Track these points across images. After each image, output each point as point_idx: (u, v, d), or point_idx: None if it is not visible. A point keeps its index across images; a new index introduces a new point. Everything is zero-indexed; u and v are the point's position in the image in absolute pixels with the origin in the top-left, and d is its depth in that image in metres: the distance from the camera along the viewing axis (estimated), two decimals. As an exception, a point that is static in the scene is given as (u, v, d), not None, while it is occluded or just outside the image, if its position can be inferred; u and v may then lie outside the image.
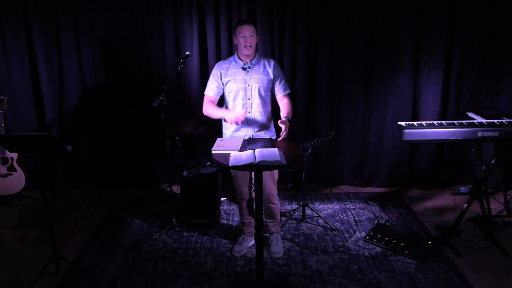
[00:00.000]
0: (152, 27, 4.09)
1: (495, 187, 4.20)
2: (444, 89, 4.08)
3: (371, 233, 3.38)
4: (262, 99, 2.96)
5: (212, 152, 2.56)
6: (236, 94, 2.95)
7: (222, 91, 3.02)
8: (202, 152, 4.27)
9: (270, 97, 3.04)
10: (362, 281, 2.85)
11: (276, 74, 2.99)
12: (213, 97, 3.02)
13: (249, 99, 2.94)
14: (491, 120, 3.15)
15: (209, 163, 3.70)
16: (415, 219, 3.70)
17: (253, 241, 3.20)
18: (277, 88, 3.01)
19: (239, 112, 2.81)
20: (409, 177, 4.36)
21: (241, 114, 2.78)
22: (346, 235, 3.45)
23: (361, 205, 4.02)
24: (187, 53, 3.28)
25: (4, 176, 4.02)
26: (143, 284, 2.86)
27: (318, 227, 3.59)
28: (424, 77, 4.09)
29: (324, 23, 4.00)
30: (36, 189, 4.26)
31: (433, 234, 3.43)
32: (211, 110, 2.98)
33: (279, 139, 2.78)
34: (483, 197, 3.53)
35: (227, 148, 2.57)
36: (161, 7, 4.02)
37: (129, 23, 4.07)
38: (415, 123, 3.12)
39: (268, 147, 2.60)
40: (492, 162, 3.36)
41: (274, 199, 3.13)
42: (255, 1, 3.96)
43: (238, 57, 2.95)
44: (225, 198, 4.14)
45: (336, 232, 3.50)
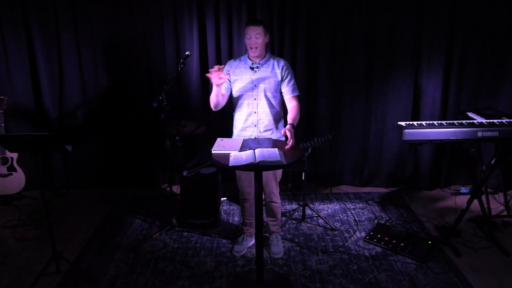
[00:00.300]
0: (152, 27, 4.08)
1: (495, 187, 4.20)
2: (444, 89, 4.08)
3: (371, 233, 3.38)
4: (268, 100, 2.93)
5: (212, 152, 2.56)
6: (243, 94, 2.94)
7: (231, 89, 3.02)
8: (202, 152, 4.27)
9: (279, 98, 2.99)
10: (362, 281, 2.85)
11: (285, 75, 2.92)
12: (224, 93, 3.00)
13: (255, 99, 2.93)
14: (491, 120, 3.15)
15: (209, 163, 3.70)
16: (415, 219, 3.70)
17: (253, 241, 3.20)
18: (285, 90, 2.95)
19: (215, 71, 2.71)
20: (409, 177, 4.36)
21: (215, 70, 2.69)
22: (346, 235, 3.45)
23: (361, 205, 4.02)
24: (187, 53, 3.28)
25: (4, 176, 4.02)
26: (143, 284, 2.86)
27: (318, 227, 3.59)
28: (424, 77, 4.09)
29: (324, 23, 4.00)
30: (36, 189, 4.26)
31: (433, 234, 3.43)
32: (211, 95, 2.93)
33: (286, 147, 2.61)
34: (483, 197, 3.53)
35: (227, 148, 2.57)
36: (161, 7, 4.02)
37: (129, 23, 4.07)
38: (415, 123, 3.12)
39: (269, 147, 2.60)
40: (492, 162, 3.36)
41: (275, 198, 3.13)
42: (255, 1, 3.96)
43: (248, 57, 2.95)
44: (225, 198, 4.14)
45: (336, 232, 3.50)
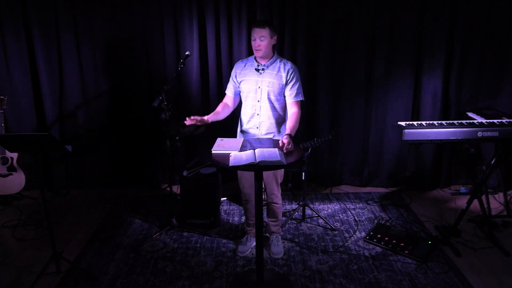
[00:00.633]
0: (152, 27, 4.08)
1: (495, 187, 4.20)
2: (444, 89, 4.08)
3: (371, 233, 3.38)
4: (271, 103, 2.91)
5: (212, 152, 2.56)
6: (247, 95, 2.95)
7: (239, 90, 3.03)
8: (202, 152, 4.27)
9: (283, 102, 2.95)
10: (362, 281, 2.85)
11: (290, 79, 2.86)
12: (230, 96, 3.05)
13: (258, 101, 2.92)
14: (491, 120, 3.15)
15: (209, 163, 3.70)
16: (415, 219, 3.70)
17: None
18: (288, 93, 2.89)
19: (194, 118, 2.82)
20: (409, 177, 4.36)
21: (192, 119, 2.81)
22: (346, 235, 3.45)
23: (361, 205, 4.02)
24: (187, 53, 3.28)
25: (4, 176, 4.02)
26: (143, 284, 2.86)
27: (318, 227, 3.59)
28: (424, 77, 4.09)
29: (324, 23, 4.00)
30: (36, 189, 4.26)
31: (433, 234, 3.43)
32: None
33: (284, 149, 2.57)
34: (483, 197, 3.53)
35: (227, 148, 2.57)
36: (161, 7, 4.01)
37: (129, 23, 4.07)
38: (415, 123, 3.12)
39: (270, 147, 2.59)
40: (492, 162, 3.36)
41: (276, 199, 3.13)
42: (255, 1, 3.96)
43: (255, 58, 2.94)
44: (225, 198, 4.14)
45: (336, 232, 3.50)
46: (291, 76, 2.88)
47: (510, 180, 4.07)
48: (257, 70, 2.91)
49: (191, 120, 2.81)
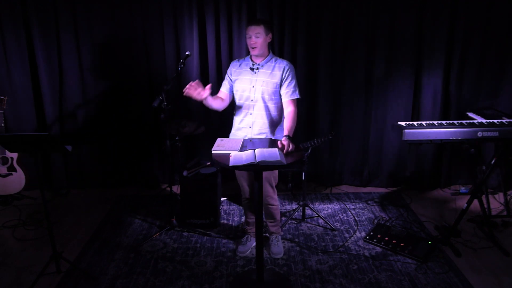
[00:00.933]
0: (152, 27, 4.08)
1: (495, 187, 4.20)
2: (444, 89, 4.08)
3: (371, 233, 3.38)
4: (265, 103, 2.89)
5: (212, 152, 2.56)
6: (242, 94, 2.93)
7: (232, 88, 3.02)
8: (202, 152, 4.27)
9: (278, 102, 2.91)
10: (362, 281, 2.85)
11: (285, 77, 2.84)
12: (224, 92, 3.02)
13: (252, 101, 2.91)
14: (491, 120, 3.15)
15: (209, 163, 3.70)
16: (415, 219, 3.70)
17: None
18: (284, 92, 2.86)
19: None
20: (409, 177, 4.36)
21: (192, 87, 2.72)
22: (346, 235, 3.45)
23: (361, 205, 4.02)
24: (187, 53, 3.28)
25: (4, 176, 4.02)
26: (143, 284, 2.86)
27: (318, 227, 3.59)
28: (424, 77, 4.09)
29: (324, 23, 4.00)
30: (36, 189, 4.26)
31: (433, 234, 3.43)
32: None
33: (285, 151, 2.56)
34: (483, 197, 3.53)
35: (227, 148, 2.57)
36: (161, 7, 4.02)
37: (129, 23, 4.07)
38: (415, 123, 3.12)
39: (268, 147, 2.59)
40: (492, 162, 3.36)
41: (272, 200, 3.10)
42: (255, 1, 3.96)
43: (250, 57, 2.93)
44: (225, 198, 4.14)
45: (336, 232, 3.50)
46: (287, 74, 2.86)
47: (510, 180, 4.07)
48: (252, 69, 2.90)
49: (191, 87, 2.73)
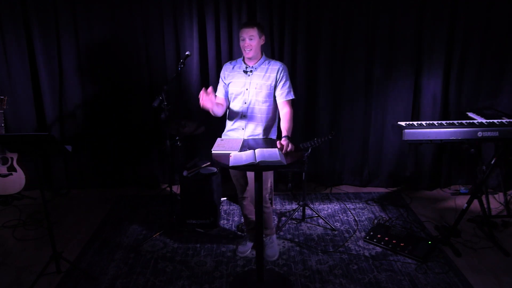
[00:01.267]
0: (152, 27, 4.08)
1: (495, 187, 4.20)
2: (444, 89, 4.08)
3: (371, 233, 3.38)
4: (259, 105, 2.87)
5: (212, 152, 2.56)
6: (236, 97, 2.92)
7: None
8: (202, 152, 4.27)
9: (272, 104, 2.90)
10: (362, 281, 2.85)
11: (280, 78, 2.83)
12: (221, 97, 2.99)
13: (245, 103, 2.89)
14: (491, 120, 3.15)
15: (209, 163, 3.71)
16: (415, 219, 3.70)
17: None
18: (278, 93, 2.85)
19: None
20: (409, 177, 4.36)
21: (205, 95, 2.70)
22: (346, 235, 3.45)
23: (361, 205, 4.02)
24: (187, 53, 3.28)
25: (4, 176, 4.01)
26: (143, 284, 2.86)
27: (318, 227, 3.59)
28: (424, 77, 4.09)
29: (324, 23, 4.00)
30: (36, 189, 4.26)
31: (433, 234, 3.43)
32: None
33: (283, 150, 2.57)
34: (483, 197, 3.53)
35: (227, 148, 2.57)
36: (161, 7, 4.02)
37: (129, 23, 4.07)
38: (415, 123, 3.12)
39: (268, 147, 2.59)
40: (492, 162, 3.36)
41: (264, 203, 2.98)
42: (255, 1, 3.96)
43: (243, 60, 2.92)
44: (225, 198, 4.14)
45: (336, 232, 3.50)
46: (281, 76, 2.85)
47: (510, 180, 4.07)
48: (245, 72, 2.88)
49: (207, 99, 2.71)
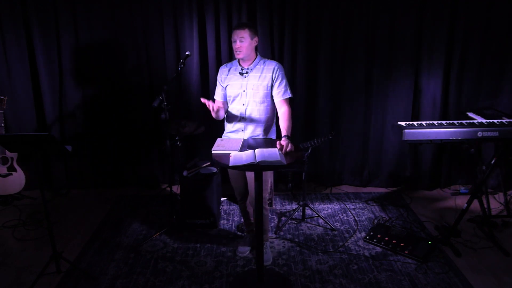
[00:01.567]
0: (152, 27, 4.08)
1: (495, 187, 4.20)
2: (444, 89, 4.08)
3: (371, 233, 3.38)
4: (257, 106, 2.87)
5: (212, 152, 2.56)
6: (234, 99, 2.92)
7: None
8: (202, 152, 4.27)
9: (270, 104, 2.90)
10: (362, 281, 2.85)
11: (276, 78, 2.83)
12: (220, 101, 2.99)
13: (244, 105, 2.89)
14: (491, 120, 3.15)
15: (209, 163, 3.70)
16: (415, 219, 3.70)
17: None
18: (275, 92, 2.85)
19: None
20: (409, 177, 4.36)
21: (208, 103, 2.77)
22: (346, 235, 3.45)
23: (361, 205, 4.02)
24: (187, 53, 3.28)
25: (4, 176, 4.02)
26: (143, 284, 2.86)
27: (318, 227, 3.59)
28: (424, 77, 4.09)
29: (324, 23, 4.00)
30: (36, 189, 4.26)
31: (433, 234, 3.43)
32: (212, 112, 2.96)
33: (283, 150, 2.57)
34: (483, 197, 3.53)
35: (227, 148, 2.57)
36: (161, 7, 4.02)
37: (129, 23, 4.07)
38: (415, 123, 3.12)
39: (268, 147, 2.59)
40: (492, 162, 3.36)
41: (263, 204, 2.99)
42: (255, 1, 3.96)
43: (238, 61, 2.91)
44: (225, 198, 4.14)
45: (336, 232, 3.50)
46: (277, 74, 2.84)
47: (510, 180, 4.07)
48: (241, 74, 2.88)
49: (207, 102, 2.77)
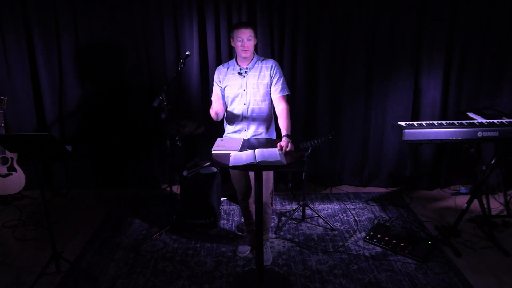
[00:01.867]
0: (152, 27, 4.08)
1: (495, 187, 4.20)
2: (444, 89, 4.08)
3: (371, 233, 3.38)
4: (259, 104, 2.89)
5: (212, 152, 2.56)
6: (234, 99, 2.92)
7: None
8: (202, 152, 4.27)
9: (270, 102, 2.93)
10: (362, 281, 2.85)
11: (274, 75, 2.86)
12: (218, 101, 2.98)
13: (244, 104, 2.89)
14: (491, 120, 3.15)
15: (209, 163, 3.70)
16: (415, 219, 3.70)
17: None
18: (273, 89, 2.87)
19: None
20: (409, 177, 4.36)
21: None
22: (346, 235, 3.45)
23: (361, 205, 4.02)
24: (187, 53, 3.28)
25: (4, 176, 4.02)
26: (143, 284, 2.86)
27: (318, 227, 3.59)
28: (424, 77, 4.09)
29: (324, 23, 4.00)
30: (36, 189, 4.26)
31: (433, 234, 3.43)
32: (211, 109, 2.97)
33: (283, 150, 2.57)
34: (483, 197, 3.53)
35: (227, 148, 2.57)
36: (161, 7, 4.02)
37: (129, 23, 4.07)
38: (415, 123, 3.12)
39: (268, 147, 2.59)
40: (492, 162, 3.36)
41: (265, 207, 3.01)
42: (255, 1, 3.96)
43: (236, 61, 2.92)
44: (225, 198, 4.14)
45: (336, 232, 3.50)
46: (275, 72, 2.87)
47: (510, 180, 4.07)
48: (240, 74, 2.88)
49: None
